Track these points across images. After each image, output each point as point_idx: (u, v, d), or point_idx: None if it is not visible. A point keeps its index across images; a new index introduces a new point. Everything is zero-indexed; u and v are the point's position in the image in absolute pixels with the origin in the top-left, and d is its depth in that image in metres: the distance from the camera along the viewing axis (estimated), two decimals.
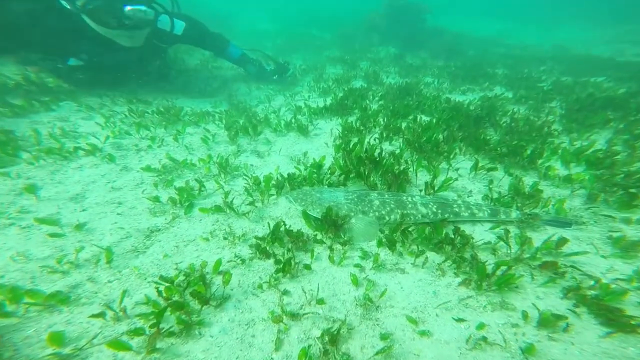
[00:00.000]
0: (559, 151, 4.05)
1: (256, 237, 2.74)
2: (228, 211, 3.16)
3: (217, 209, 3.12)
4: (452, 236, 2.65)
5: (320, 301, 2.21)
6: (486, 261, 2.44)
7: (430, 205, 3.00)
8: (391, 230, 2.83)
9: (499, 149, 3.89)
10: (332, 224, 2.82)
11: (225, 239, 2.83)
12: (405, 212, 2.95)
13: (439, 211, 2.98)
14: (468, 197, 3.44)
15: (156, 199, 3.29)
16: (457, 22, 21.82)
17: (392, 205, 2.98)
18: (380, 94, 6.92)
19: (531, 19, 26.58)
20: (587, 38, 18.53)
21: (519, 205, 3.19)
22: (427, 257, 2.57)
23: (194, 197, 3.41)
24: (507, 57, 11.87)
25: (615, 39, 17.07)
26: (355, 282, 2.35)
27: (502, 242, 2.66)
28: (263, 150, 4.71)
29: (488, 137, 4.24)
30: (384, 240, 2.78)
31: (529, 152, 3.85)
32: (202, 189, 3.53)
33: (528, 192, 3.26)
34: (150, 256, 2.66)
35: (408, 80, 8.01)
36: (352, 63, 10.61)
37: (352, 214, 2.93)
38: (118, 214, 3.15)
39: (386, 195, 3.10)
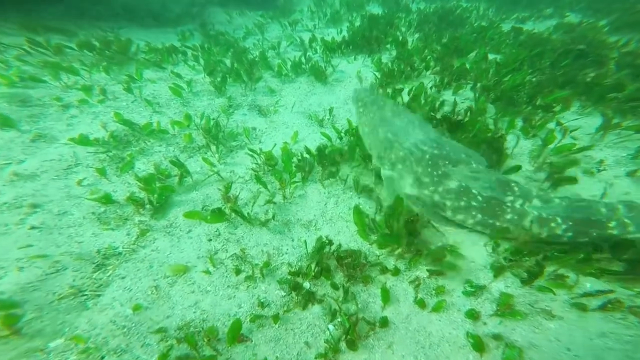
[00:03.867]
0: None
1: (290, 271, 1.55)
2: (232, 215, 1.88)
3: (216, 216, 1.81)
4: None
5: None
6: None
7: (554, 222, 1.62)
8: (514, 251, 1.69)
9: None
10: (410, 233, 1.66)
11: (238, 271, 1.61)
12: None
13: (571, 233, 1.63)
14: (599, 171, 2.29)
15: (107, 199, 1.92)
16: None
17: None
18: (409, 21, 5.19)
19: None
20: None
21: None
22: (607, 297, 1.50)
23: (171, 191, 2.06)
24: None
25: None
26: (479, 345, 1.37)
27: None
28: (266, 104, 3.22)
29: (606, 82, 2.89)
30: (504, 262, 1.67)
31: None
32: (185, 175, 2.16)
33: None
34: (108, 308, 1.43)
35: (442, 6, 6.15)
36: None
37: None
38: (33, 227, 1.77)
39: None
